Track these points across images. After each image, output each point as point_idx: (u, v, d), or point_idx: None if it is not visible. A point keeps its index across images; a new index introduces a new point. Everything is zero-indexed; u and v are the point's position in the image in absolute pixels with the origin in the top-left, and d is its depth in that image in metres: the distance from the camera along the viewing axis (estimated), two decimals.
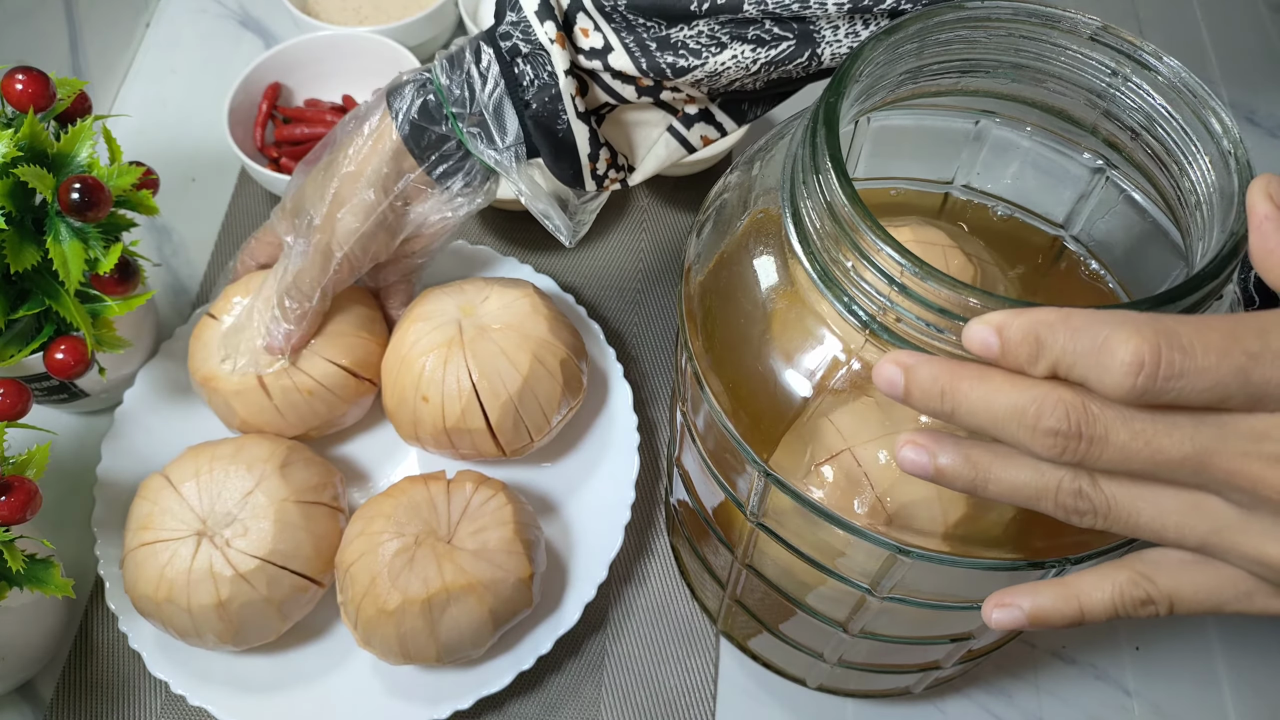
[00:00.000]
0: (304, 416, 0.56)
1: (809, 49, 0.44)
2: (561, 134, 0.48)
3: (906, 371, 0.29)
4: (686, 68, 0.45)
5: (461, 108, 0.49)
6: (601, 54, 0.45)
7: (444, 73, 0.49)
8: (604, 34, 0.45)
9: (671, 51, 0.45)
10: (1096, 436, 0.27)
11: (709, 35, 0.44)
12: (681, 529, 0.55)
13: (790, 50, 0.44)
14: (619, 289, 0.70)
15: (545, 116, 0.47)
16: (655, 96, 0.47)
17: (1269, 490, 0.26)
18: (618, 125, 0.50)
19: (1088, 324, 0.26)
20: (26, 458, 0.48)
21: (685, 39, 0.45)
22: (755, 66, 0.45)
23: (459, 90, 0.48)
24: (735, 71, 0.45)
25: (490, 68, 0.47)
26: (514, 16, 0.46)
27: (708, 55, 0.45)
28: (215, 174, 0.75)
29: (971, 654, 0.49)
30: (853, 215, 0.32)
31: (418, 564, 0.49)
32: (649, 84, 0.47)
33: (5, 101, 0.53)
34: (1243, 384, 0.26)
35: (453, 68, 0.49)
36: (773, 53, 0.44)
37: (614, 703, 0.55)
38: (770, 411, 0.38)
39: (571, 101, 0.46)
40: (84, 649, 0.56)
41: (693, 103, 0.48)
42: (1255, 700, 0.56)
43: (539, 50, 0.46)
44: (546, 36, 0.45)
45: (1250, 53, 0.84)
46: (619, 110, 0.49)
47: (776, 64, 0.45)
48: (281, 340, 0.55)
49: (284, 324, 0.55)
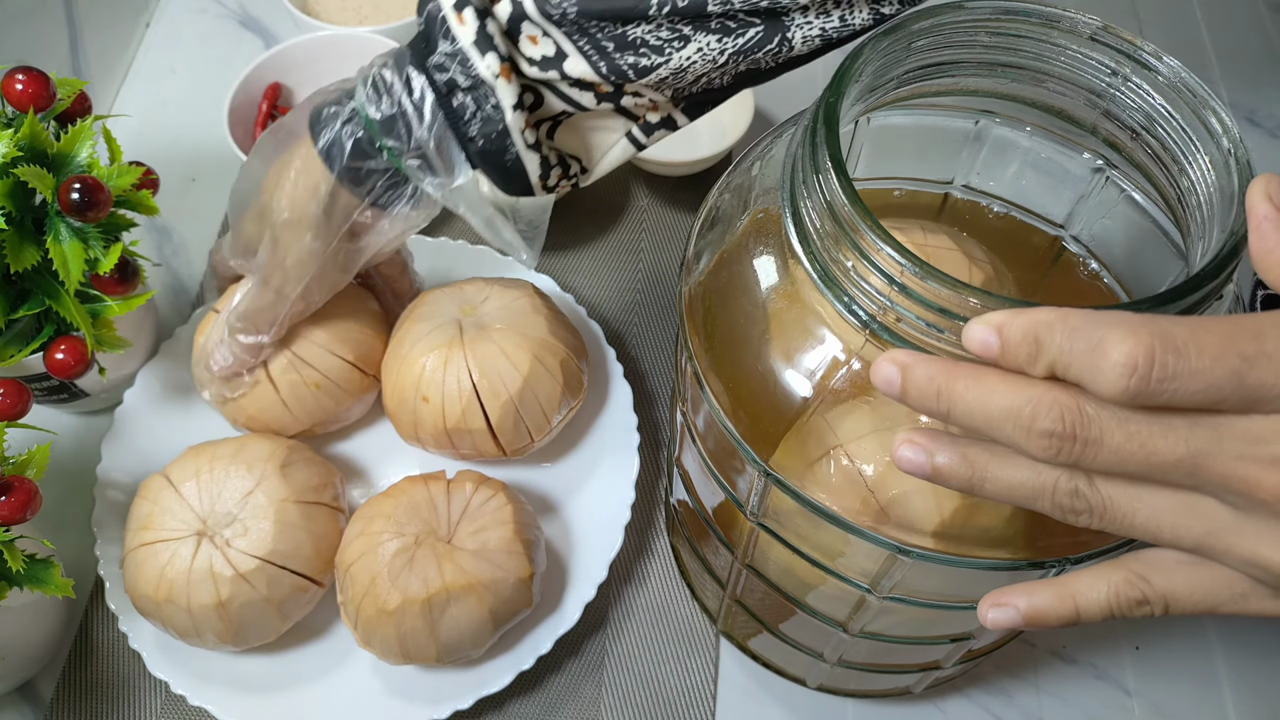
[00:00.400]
0: (311, 411, 0.56)
1: (778, 34, 0.41)
2: (510, 164, 0.44)
3: (903, 370, 0.29)
4: (650, 67, 0.42)
5: (399, 142, 0.45)
6: (555, 62, 0.42)
7: (372, 104, 0.45)
8: (555, 40, 0.42)
9: (631, 51, 0.41)
10: (1091, 439, 0.27)
11: (670, 29, 0.41)
12: (681, 529, 0.55)
13: (759, 37, 0.41)
14: (619, 289, 0.70)
15: (492, 151, 0.44)
16: (616, 103, 0.44)
17: (1263, 493, 0.26)
18: (573, 130, 0.46)
19: (1085, 324, 0.26)
20: (26, 458, 0.48)
21: (644, 35, 0.41)
22: (723, 58, 0.42)
23: (394, 125, 0.44)
24: (702, 65, 0.42)
25: (425, 99, 0.43)
26: (448, 47, 0.42)
27: (671, 51, 0.41)
28: (215, 174, 0.75)
29: (971, 654, 0.49)
30: (853, 215, 0.32)
31: (418, 564, 0.49)
32: (609, 90, 0.43)
33: (5, 101, 0.53)
34: (1237, 386, 0.26)
35: (380, 97, 0.44)
36: (740, 41, 0.41)
37: (614, 703, 0.55)
38: (770, 411, 0.38)
39: (521, 135, 0.43)
40: (84, 649, 0.56)
41: (655, 110, 0.45)
42: (1255, 700, 0.56)
43: (481, 84, 0.42)
44: (490, 71, 0.41)
45: (1250, 53, 0.84)
46: (576, 117, 0.45)
47: (745, 53, 0.42)
48: (233, 366, 0.54)
49: (237, 352, 0.54)
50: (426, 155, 0.45)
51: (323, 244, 0.49)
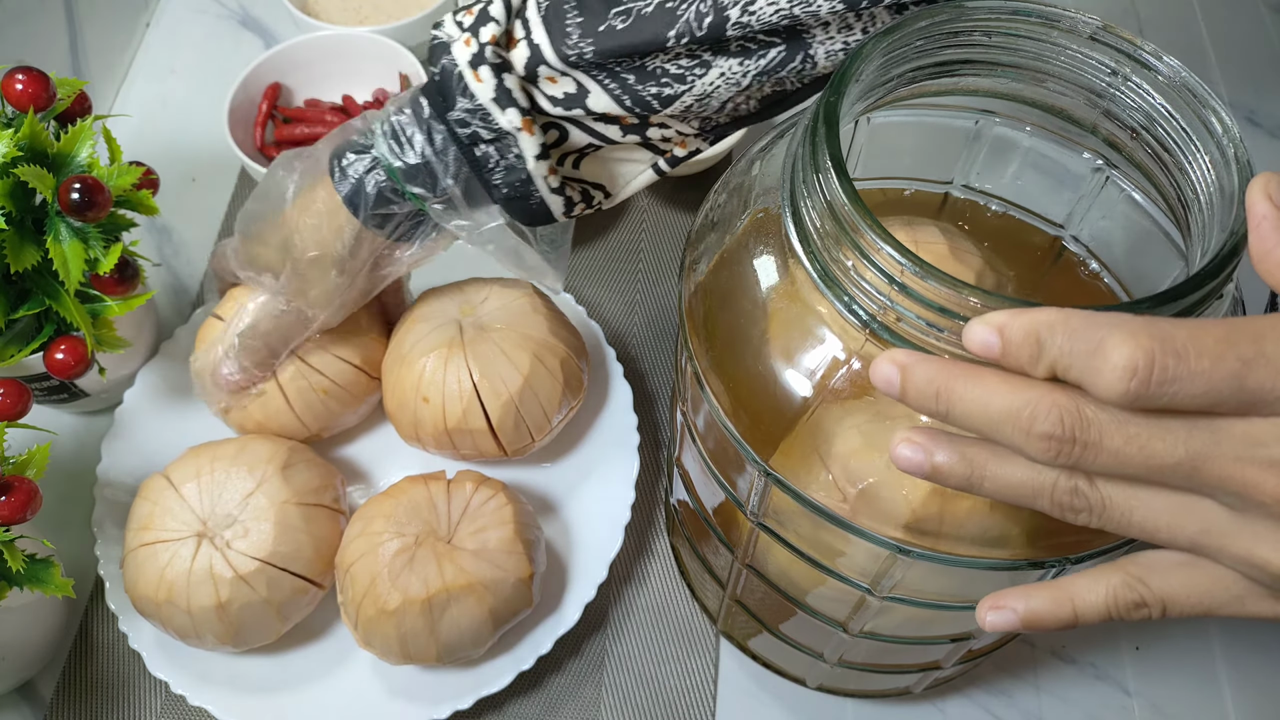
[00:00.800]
0: (319, 416, 0.57)
1: (800, 52, 0.41)
2: (535, 206, 0.45)
3: (903, 371, 0.29)
4: (673, 95, 0.42)
5: (425, 189, 0.46)
6: (578, 99, 0.42)
7: (393, 154, 0.45)
8: (575, 79, 0.42)
9: (654, 81, 0.42)
10: (1090, 441, 0.27)
11: (690, 56, 0.41)
12: (681, 529, 0.55)
13: (781, 56, 0.41)
14: (619, 289, 0.70)
15: (517, 197, 0.45)
16: (642, 135, 0.44)
17: (1261, 495, 0.26)
18: (599, 161, 0.46)
19: (1085, 326, 0.27)
20: (26, 458, 0.48)
21: (664, 65, 0.41)
22: (747, 80, 0.42)
23: (418, 174, 0.45)
24: (726, 90, 0.42)
25: (448, 150, 0.44)
26: (468, 104, 0.42)
27: (693, 79, 0.41)
28: (215, 174, 0.75)
29: (971, 654, 0.49)
30: (853, 215, 0.32)
31: (418, 564, 0.49)
32: (634, 122, 0.43)
33: (5, 101, 0.53)
34: (1236, 390, 0.26)
35: (402, 147, 0.45)
36: (763, 62, 0.41)
37: (614, 703, 0.55)
38: (770, 411, 0.38)
39: (544, 181, 0.44)
40: (84, 649, 0.56)
41: (684, 145, 0.45)
42: (1255, 700, 0.56)
43: (503, 135, 0.43)
44: (511, 125, 0.42)
45: (1250, 53, 0.84)
46: (603, 149, 0.45)
47: (769, 73, 0.42)
48: (240, 380, 0.54)
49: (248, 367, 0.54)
50: (452, 199, 0.46)
51: (348, 279, 0.50)
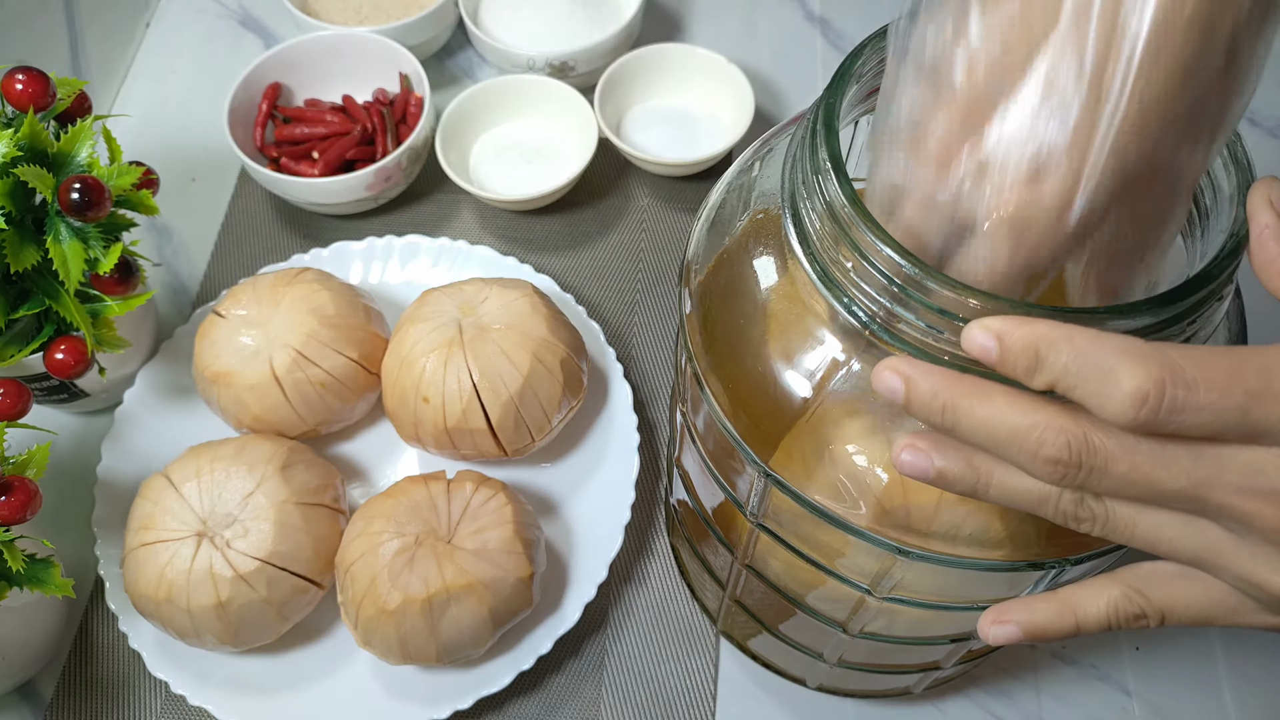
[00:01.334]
0: (315, 410, 0.56)
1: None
2: None
3: (907, 382, 0.29)
4: None
5: None
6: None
7: None
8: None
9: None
10: (1096, 466, 0.27)
11: None
12: (681, 529, 0.55)
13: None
14: (619, 289, 0.70)
15: None
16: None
17: (1261, 524, 0.27)
18: None
19: (1092, 348, 0.27)
20: (26, 458, 0.48)
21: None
22: None
23: None
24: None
25: None
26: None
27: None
28: (215, 174, 0.75)
29: (971, 654, 0.49)
30: (853, 215, 0.32)
31: (418, 564, 0.49)
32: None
33: (5, 101, 0.53)
34: (1241, 421, 0.26)
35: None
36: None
37: (614, 703, 0.55)
38: (770, 412, 0.38)
39: None
40: (84, 649, 0.56)
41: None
42: (1255, 700, 0.56)
43: None
44: None
45: None
46: None
47: None
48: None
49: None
50: None
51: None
